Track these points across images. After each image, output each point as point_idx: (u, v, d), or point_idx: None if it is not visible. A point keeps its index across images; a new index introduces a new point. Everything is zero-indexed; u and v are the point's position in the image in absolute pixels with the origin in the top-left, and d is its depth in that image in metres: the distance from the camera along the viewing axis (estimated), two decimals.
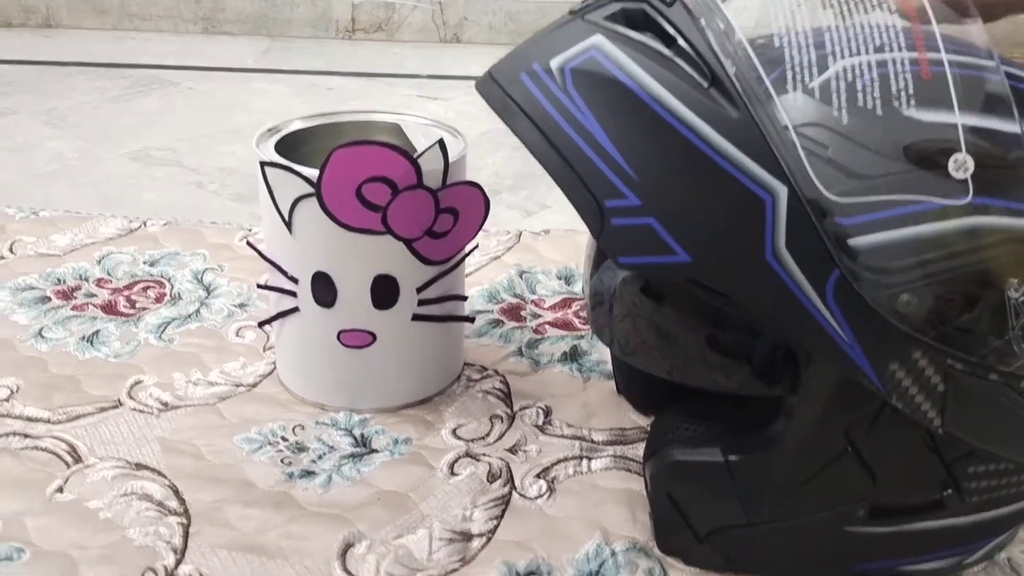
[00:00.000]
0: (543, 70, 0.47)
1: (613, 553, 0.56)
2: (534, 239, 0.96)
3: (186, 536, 0.56)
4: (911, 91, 0.43)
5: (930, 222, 0.42)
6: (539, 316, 0.81)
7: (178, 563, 0.54)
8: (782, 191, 0.42)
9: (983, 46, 0.44)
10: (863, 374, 0.44)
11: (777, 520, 0.53)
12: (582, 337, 0.78)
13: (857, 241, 0.42)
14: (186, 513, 0.58)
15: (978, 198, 0.42)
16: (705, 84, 0.44)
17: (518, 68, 0.49)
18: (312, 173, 0.60)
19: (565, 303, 0.84)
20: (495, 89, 0.49)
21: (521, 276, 0.87)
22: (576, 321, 0.81)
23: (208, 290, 0.82)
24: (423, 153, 0.61)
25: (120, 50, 1.77)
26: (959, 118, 0.42)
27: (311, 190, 0.60)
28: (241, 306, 0.80)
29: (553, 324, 0.80)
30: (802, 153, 0.42)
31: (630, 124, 0.45)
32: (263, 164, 0.62)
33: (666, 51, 0.45)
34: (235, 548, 0.55)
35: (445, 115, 1.50)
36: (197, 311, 0.79)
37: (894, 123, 0.43)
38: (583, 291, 0.65)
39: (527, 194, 1.18)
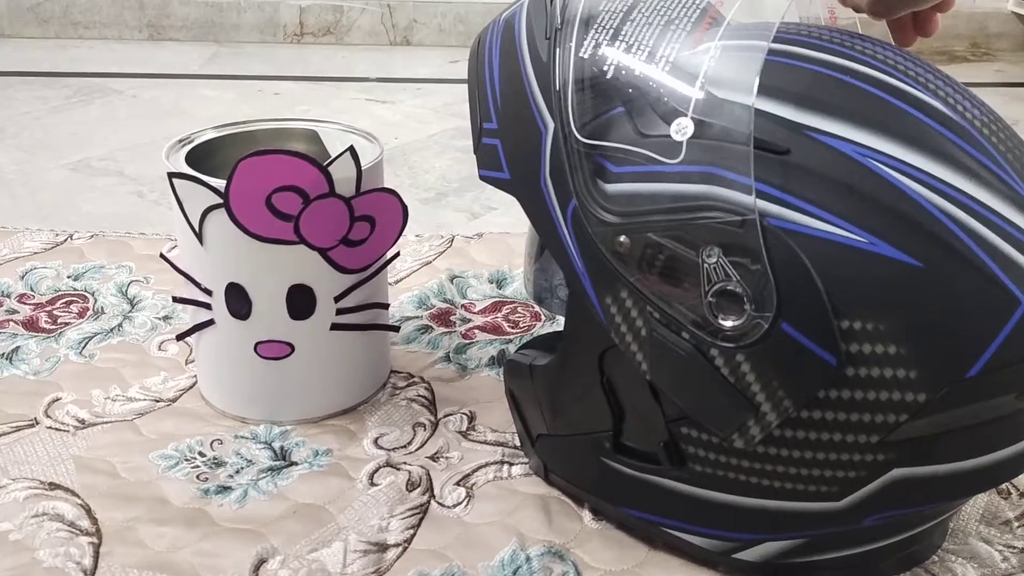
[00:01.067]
0: (496, 21, 0.57)
1: (528, 559, 0.56)
2: (467, 243, 0.95)
3: (96, 556, 0.55)
4: (670, 60, 0.48)
5: (653, 181, 0.47)
6: (469, 320, 0.81)
7: None
8: (551, 126, 0.50)
9: (768, 31, 0.47)
10: (590, 302, 0.50)
11: (556, 433, 0.59)
12: (511, 341, 0.78)
13: (590, 178, 0.49)
14: (98, 532, 0.57)
15: (696, 166, 0.46)
16: (551, 33, 0.51)
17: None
18: (220, 183, 0.59)
19: (496, 307, 0.84)
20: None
21: (452, 281, 0.87)
22: (506, 325, 0.81)
23: (132, 303, 0.81)
24: (333, 161, 0.60)
25: (62, 59, 1.74)
26: (697, 91, 0.46)
27: (220, 200, 0.59)
28: (165, 319, 0.79)
29: (483, 328, 0.80)
30: (572, 99, 0.49)
31: (506, 62, 0.54)
32: (171, 175, 0.61)
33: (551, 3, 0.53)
34: (146, 567, 0.54)
35: (392, 118, 1.50)
36: (119, 325, 0.78)
37: (646, 83, 0.48)
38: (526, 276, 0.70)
39: (473, 196, 1.17)
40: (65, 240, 0.93)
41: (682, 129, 0.46)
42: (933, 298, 0.43)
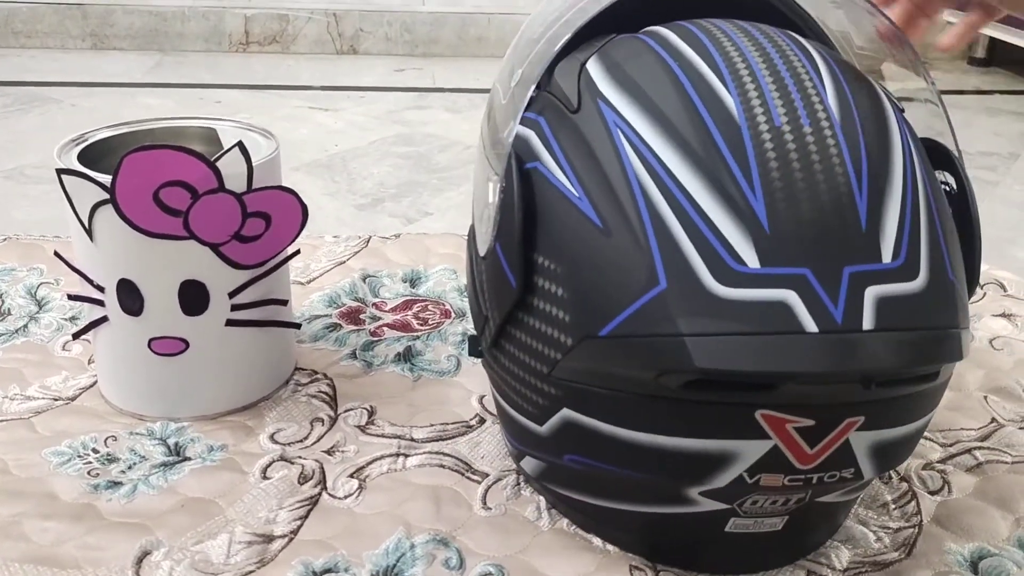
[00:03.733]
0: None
1: (412, 546, 0.56)
2: (383, 243, 0.96)
3: None
4: (551, 31, 0.54)
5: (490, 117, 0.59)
6: (379, 319, 0.82)
7: None
8: None
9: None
10: None
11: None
12: (418, 338, 0.79)
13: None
14: None
15: (508, 104, 0.55)
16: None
17: None
18: (106, 179, 0.59)
19: (407, 305, 0.84)
20: None
21: (365, 280, 0.87)
22: (415, 323, 0.81)
23: (40, 305, 0.81)
24: (221, 156, 0.61)
25: (3, 68, 1.73)
26: (535, 46, 0.55)
27: (107, 196, 0.59)
28: (72, 319, 0.79)
29: (391, 326, 0.81)
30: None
31: None
32: (59, 172, 0.61)
33: None
34: (28, 561, 0.54)
35: (335, 125, 1.50)
36: (25, 326, 0.78)
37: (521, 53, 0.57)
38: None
39: (410, 202, 1.18)
40: None
41: (514, 76, 0.55)
42: (598, 257, 0.47)
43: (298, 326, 0.70)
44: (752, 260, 0.43)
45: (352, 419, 0.68)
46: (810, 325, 0.42)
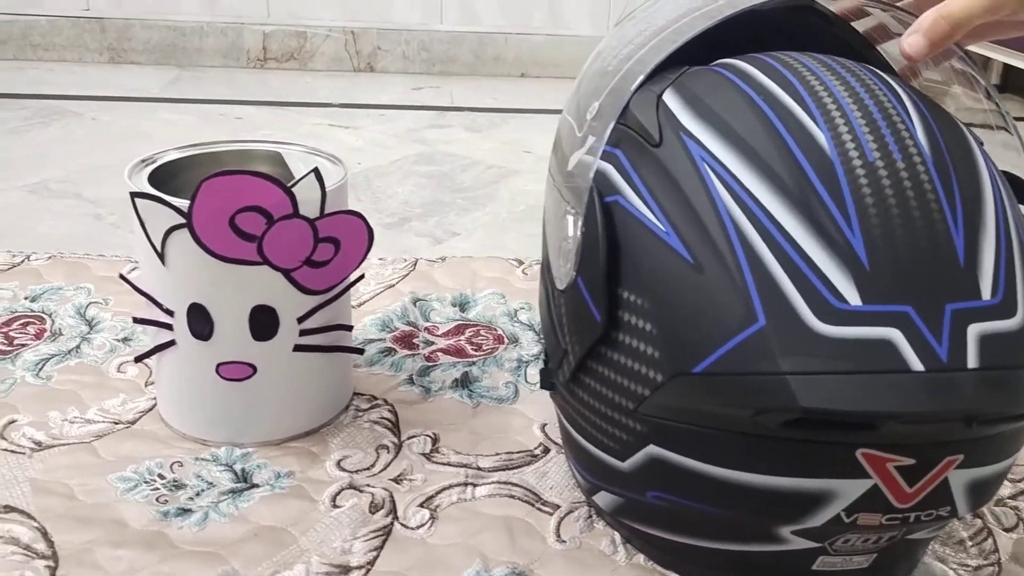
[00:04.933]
0: None
1: None
2: (430, 267, 0.96)
3: None
4: (626, 65, 0.55)
5: (561, 149, 0.59)
6: (432, 343, 0.81)
7: None
8: None
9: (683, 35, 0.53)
10: None
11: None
12: (474, 364, 0.78)
13: None
14: (54, 556, 0.56)
15: (589, 136, 0.54)
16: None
17: None
18: (183, 203, 0.59)
19: (459, 330, 0.84)
20: None
21: (415, 304, 0.87)
22: (468, 348, 0.81)
23: (90, 325, 0.80)
24: (297, 182, 0.60)
25: (20, 80, 1.73)
26: (612, 79, 0.55)
27: (183, 221, 0.59)
28: (124, 340, 0.79)
29: (445, 351, 0.80)
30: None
31: None
32: (133, 195, 0.61)
33: None
34: None
35: (355, 144, 1.50)
36: (78, 347, 0.77)
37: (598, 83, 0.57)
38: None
39: (436, 222, 1.18)
40: (22, 261, 0.92)
41: (591, 109, 0.55)
42: (689, 294, 0.46)
43: (361, 351, 0.70)
44: (853, 297, 0.43)
45: (416, 446, 0.68)
46: (916, 364, 0.42)
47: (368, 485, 0.63)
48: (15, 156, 1.32)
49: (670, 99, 0.52)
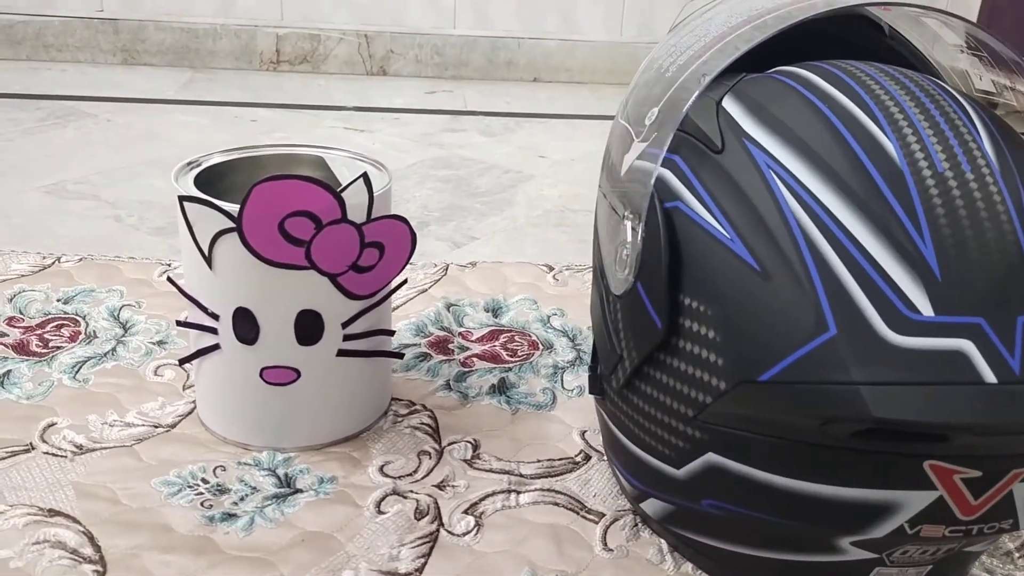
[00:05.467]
0: None
1: None
2: (461, 272, 0.95)
3: None
4: (686, 72, 0.54)
5: (627, 157, 0.56)
6: (467, 349, 0.81)
7: None
8: None
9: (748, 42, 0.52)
10: None
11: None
12: (510, 370, 0.78)
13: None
14: (102, 560, 0.56)
15: (650, 146, 0.53)
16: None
17: None
18: (233, 208, 0.59)
19: (493, 335, 0.84)
20: None
21: (448, 309, 0.87)
22: (504, 353, 0.81)
23: (125, 327, 0.80)
24: (347, 187, 0.60)
25: (35, 81, 1.72)
26: (669, 89, 0.54)
27: (232, 225, 0.59)
28: (160, 343, 0.78)
29: (481, 357, 0.80)
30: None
31: None
32: (182, 199, 0.60)
33: None
34: None
35: (372, 147, 1.50)
36: (113, 350, 0.77)
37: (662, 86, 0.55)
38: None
39: (455, 226, 1.18)
40: (53, 263, 0.91)
41: (650, 115, 0.54)
42: (756, 301, 0.46)
43: (401, 356, 0.70)
44: (926, 308, 0.43)
45: (458, 452, 0.67)
46: (988, 375, 0.42)
47: (412, 491, 0.63)
48: (31, 157, 1.32)
49: (730, 105, 0.52)
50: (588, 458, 0.68)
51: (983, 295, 0.43)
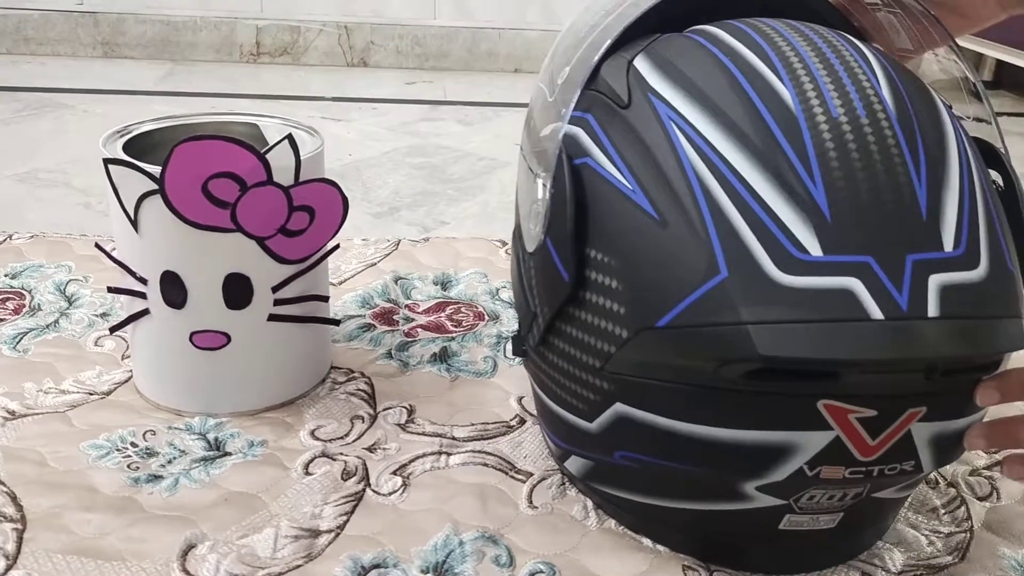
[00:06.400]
0: None
1: (461, 543, 0.56)
2: (413, 247, 0.96)
3: (20, 541, 0.54)
4: (594, 33, 0.56)
5: (531, 120, 0.60)
6: (412, 320, 0.81)
7: (8, 568, 0.52)
8: None
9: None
10: None
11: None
12: (453, 339, 0.78)
13: None
14: (23, 519, 0.56)
15: (558, 103, 0.54)
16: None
17: None
18: (155, 169, 0.59)
19: (439, 307, 0.84)
20: None
21: (396, 282, 0.87)
22: (449, 324, 0.81)
23: (70, 301, 0.80)
24: (271, 148, 0.60)
25: (13, 73, 1.73)
26: (580, 49, 0.56)
27: (155, 187, 0.59)
28: (103, 315, 0.78)
29: (425, 327, 0.80)
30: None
31: None
32: (106, 161, 0.61)
33: None
34: (71, 552, 0.53)
35: (347, 136, 1.50)
36: (56, 321, 0.77)
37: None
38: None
39: (426, 211, 1.18)
40: (4, 240, 0.92)
41: (562, 74, 0.56)
42: (654, 248, 0.47)
43: (337, 322, 0.70)
44: (815, 248, 0.43)
45: (392, 417, 0.68)
46: (875, 312, 0.42)
47: (341, 454, 0.63)
48: (6, 147, 1.33)
49: (640, 63, 0.52)
50: (523, 422, 0.68)
51: (872, 235, 0.43)
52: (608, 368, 0.50)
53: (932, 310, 0.43)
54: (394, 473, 0.62)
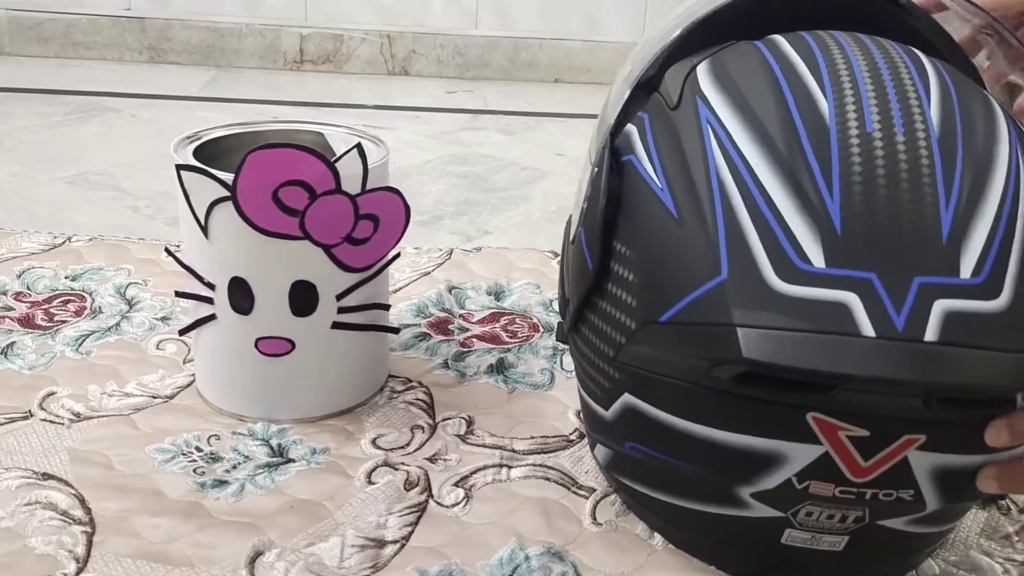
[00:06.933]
0: None
1: (527, 558, 0.55)
2: (465, 256, 0.96)
3: (90, 545, 0.54)
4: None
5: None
6: (467, 330, 0.81)
7: (79, 571, 0.52)
8: None
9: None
10: None
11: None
12: (509, 350, 0.78)
13: None
14: (91, 522, 0.56)
15: (615, 101, 0.56)
16: None
17: None
18: (228, 176, 0.59)
19: (494, 317, 0.84)
20: None
21: (451, 291, 0.87)
22: (504, 335, 0.81)
23: (130, 304, 0.81)
24: (341, 157, 0.61)
25: (62, 77, 1.75)
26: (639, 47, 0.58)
27: (227, 194, 0.59)
28: (164, 319, 0.79)
29: (480, 338, 0.80)
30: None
31: None
32: (179, 167, 0.61)
33: None
34: (140, 557, 0.54)
35: (390, 144, 1.50)
36: (117, 324, 0.78)
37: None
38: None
39: (469, 220, 1.18)
40: (63, 242, 0.93)
41: (625, 72, 0.57)
42: (668, 245, 0.48)
43: (397, 331, 0.70)
44: (818, 259, 0.43)
45: (451, 428, 0.67)
46: (867, 329, 0.42)
47: (403, 463, 0.63)
48: (56, 150, 1.34)
49: (701, 68, 0.53)
50: (583, 436, 0.68)
51: (881, 252, 0.43)
52: (619, 358, 0.51)
53: (930, 334, 0.41)
54: (456, 485, 0.62)
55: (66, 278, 0.85)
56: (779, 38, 0.53)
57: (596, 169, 0.53)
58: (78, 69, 1.82)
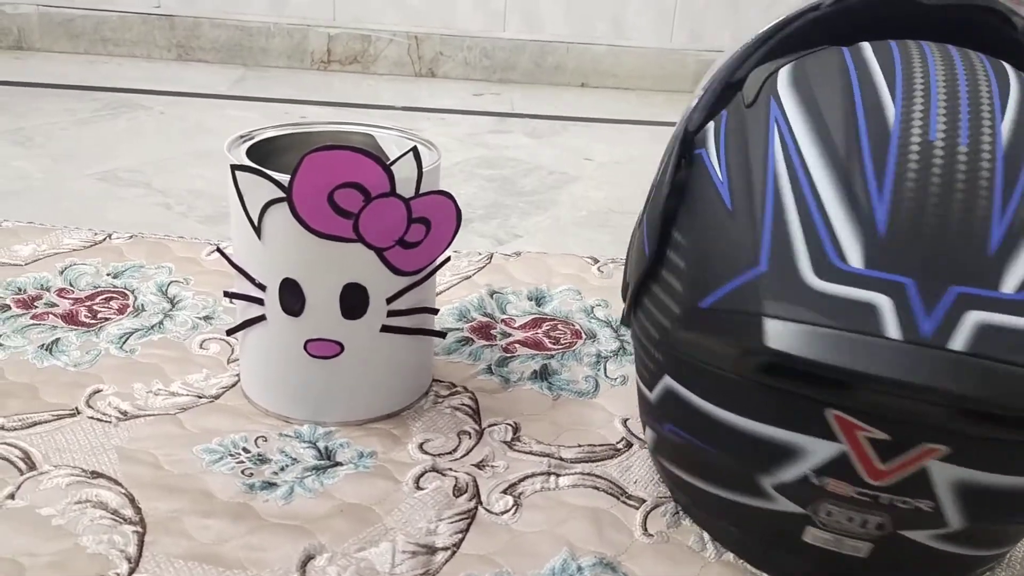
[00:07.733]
0: None
1: (579, 568, 0.55)
2: (505, 261, 0.95)
3: (141, 545, 0.54)
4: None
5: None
6: (509, 335, 0.81)
7: (132, 572, 0.52)
8: None
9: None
10: None
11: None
12: (552, 356, 0.78)
13: None
14: (142, 522, 0.56)
15: (694, 98, 0.57)
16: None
17: None
18: (284, 178, 0.59)
19: (535, 323, 0.83)
20: None
21: (492, 296, 0.87)
22: (546, 341, 0.80)
23: (172, 302, 0.81)
24: (397, 160, 0.60)
25: (92, 73, 1.76)
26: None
27: (281, 195, 0.59)
28: (206, 319, 0.79)
29: (523, 343, 0.80)
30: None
31: None
32: (234, 168, 0.61)
33: None
34: (191, 558, 0.53)
35: None
36: (160, 323, 0.78)
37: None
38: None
39: (499, 223, 1.17)
40: (104, 239, 0.93)
41: (711, 69, 0.58)
42: (717, 235, 0.49)
43: (444, 335, 0.69)
44: (856, 260, 0.44)
45: (498, 434, 0.67)
46: (893, 331, 0.42)
47: (451, 469, 0.63)
48: (85, 146, 1.34)
49: (784, 69, 0.53)
50: (630, 445, 0.67)
51: (921, 258, 0.43)
52: (664, 341, 0.52)
53: (958, 344, 0.41)
54: (504, 492, 0.61)
55: (108, 275, 0.85)
56: (865, 45, 0.53)
57: (666, 159, 0.54)
58: (107, 66, 1.82)
